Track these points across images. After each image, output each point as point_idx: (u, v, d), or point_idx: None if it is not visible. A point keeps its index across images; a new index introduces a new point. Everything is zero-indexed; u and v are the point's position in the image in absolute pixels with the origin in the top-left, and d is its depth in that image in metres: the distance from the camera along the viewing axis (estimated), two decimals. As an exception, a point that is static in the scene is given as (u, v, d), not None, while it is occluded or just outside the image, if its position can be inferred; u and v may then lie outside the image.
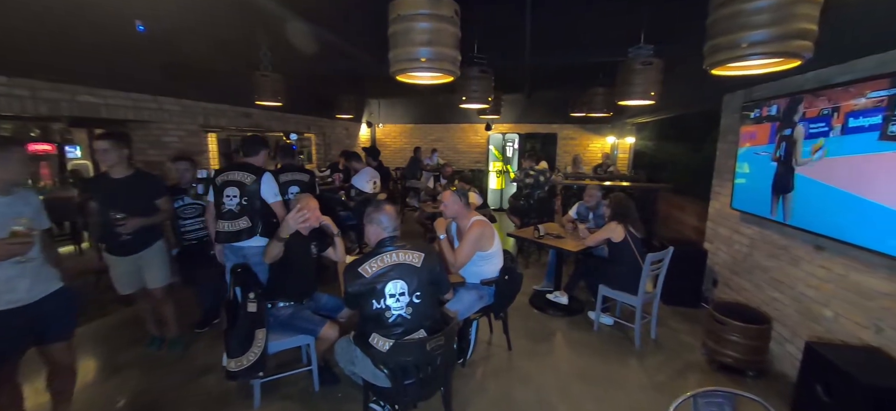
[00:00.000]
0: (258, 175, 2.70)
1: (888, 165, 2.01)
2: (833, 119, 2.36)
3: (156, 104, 4.27)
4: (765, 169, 3.00)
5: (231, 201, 2.64)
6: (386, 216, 1.88)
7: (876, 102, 2.07)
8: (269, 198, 2.69)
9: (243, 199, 2.63)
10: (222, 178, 2.71)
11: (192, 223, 3.38)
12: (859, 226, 2.18)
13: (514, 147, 9.23)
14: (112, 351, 3.15)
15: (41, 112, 3.31)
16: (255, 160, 2.84)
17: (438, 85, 5.36)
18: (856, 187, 2.21)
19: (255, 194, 2.65)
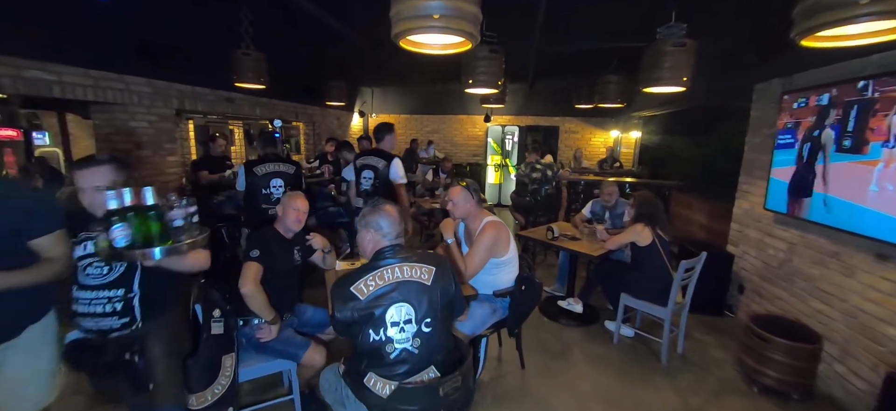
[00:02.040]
0: (388, 160, 3.18)
1: None
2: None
3: (122, 84, 3.78)
4: (810, 166, 2.66)
5: (367, 182, 3.21)
6: (386, 218, 1.47)
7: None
8: (397, 179, 3.16)
9: (376, 181, 3.13)
10: (361, 162, 3.25)
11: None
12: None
13: (513, 140, 8.84)
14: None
15: (-24, 88, 2.82)
16: (385, 145, 3.31)
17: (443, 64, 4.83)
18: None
19: (386, 177, 3.13)
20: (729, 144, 4.79)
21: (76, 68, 3.38)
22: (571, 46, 4.19)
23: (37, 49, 3.10)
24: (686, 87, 2.82)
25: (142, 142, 3.99)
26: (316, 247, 2.25)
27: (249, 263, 1.87)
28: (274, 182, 3.04)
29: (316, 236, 2.25)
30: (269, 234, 2.08)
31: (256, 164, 3.00)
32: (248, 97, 5.46)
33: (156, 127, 4.12)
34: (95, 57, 3.50)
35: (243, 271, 1.85)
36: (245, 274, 1.84)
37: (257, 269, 1.87)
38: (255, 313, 1.91)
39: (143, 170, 4.01)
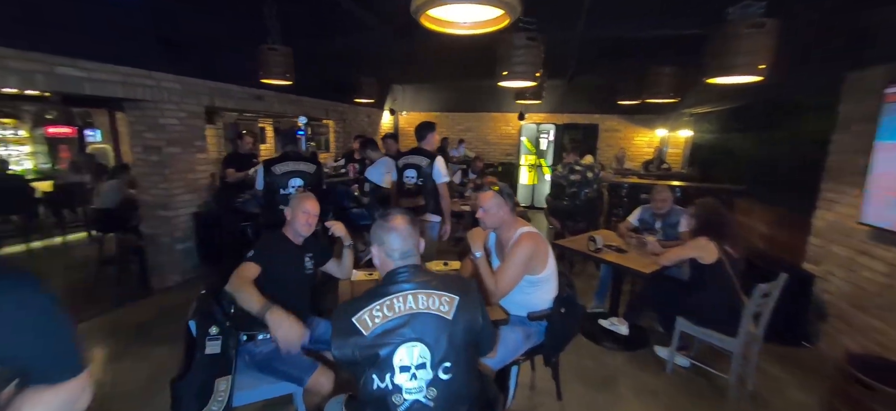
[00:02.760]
0: (431, 158, 3.22)
1: None
2: None
3: (153, 81, 3.77)
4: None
5: (410, 180, 3.22)
6: (396, 235, 1.20)
7: None
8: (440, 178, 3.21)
9: (420, 179, 3.18)
10: (404, 161, 3.26)
11: None
12: None
13: (549, 139, 8.38)
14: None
15: (10, 84, 2.84)
16: (427, 143, 3.34)
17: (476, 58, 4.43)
18: None
19: (430, 176, 3.18)
20: (804, 144, 4.16)
21: (105, 65, 3.37)
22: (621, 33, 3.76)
23: (67, 46, 3.10)
24: (763, 77, 2.38)
25: (172, 139, 3.98)
26: (337, 235, 2.03)
27: (244, 263, 1.68)
28: (293, 181, 2.87)
29: (336, 224, 2.03)
30: (275, 238, 1.88)
31: (275, 163, 2.84)
32: (278, 94, 5.41)
33: (186, 124, 4.10)
34: (124, 53, 3.50)
35: (237, 268, 1.66)
36: (237, 270, 1.65)
37: (249, 269, 1.68)
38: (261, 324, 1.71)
39: (174, 166, 4.01)
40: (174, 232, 4.13)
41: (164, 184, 4.01)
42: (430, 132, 3.36)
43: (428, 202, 3.22)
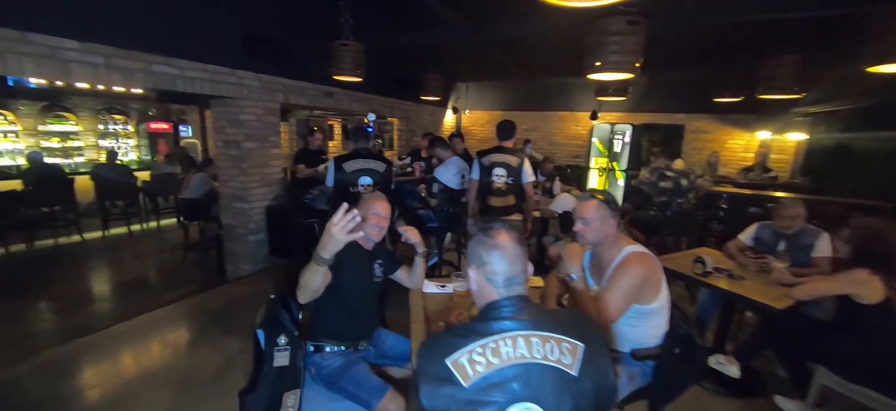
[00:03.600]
0: (520, 157, 3.16)
1: None
2: None
3: (235, 78, 3.93)
4: None
5: (499, 180, 3.11)
6: (499, 255, 0.96)
7: None
8: (528, 178, 3.14)
9: (509, 178, 3.07)
10: (491, 159, 3.13)
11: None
12: None
13: (624, 141, 7.68)
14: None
15: (114, 82, 3.06)
16: (510, 142, 3.23)
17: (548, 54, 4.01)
18: None
19: (519, 175, 3.11)
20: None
21: (195, 63, 3.55)
22: (736, 16, 3.20)
23: (163, 45, 3.29)
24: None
25: (250, 135, 4.13)
26: (411, 241, 1.85)
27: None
28: (362, 180, 2.76)
29: (410, 229, 1.85)
30: (348, 248, 1.73)
31: (346, 160, 2.75)
32: (346, 91, 5.47)
33: (262, 120, 4.24)
34: (212, 53, 3.66)
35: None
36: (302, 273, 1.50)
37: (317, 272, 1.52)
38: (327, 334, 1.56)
39: (251, 161, 4.16)
40: (249, 223, 4.29)
41: (242, 178, 4.17)
42: (514, 131, 3.26)
43: (517, 202, 3.17)
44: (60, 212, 5.90)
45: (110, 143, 8.18)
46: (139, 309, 3.65)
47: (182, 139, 9.01)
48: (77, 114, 7.83)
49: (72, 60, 2.81)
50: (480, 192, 3.16)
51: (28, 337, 3.24)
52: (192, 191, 4.95)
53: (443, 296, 1.97)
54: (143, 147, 8.78)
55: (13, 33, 2.54)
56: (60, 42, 2.74)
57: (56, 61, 2.74)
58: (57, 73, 2.76)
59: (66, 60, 2.78)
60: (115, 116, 8.37)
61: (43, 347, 2.78)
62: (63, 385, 2.38)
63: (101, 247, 5.86)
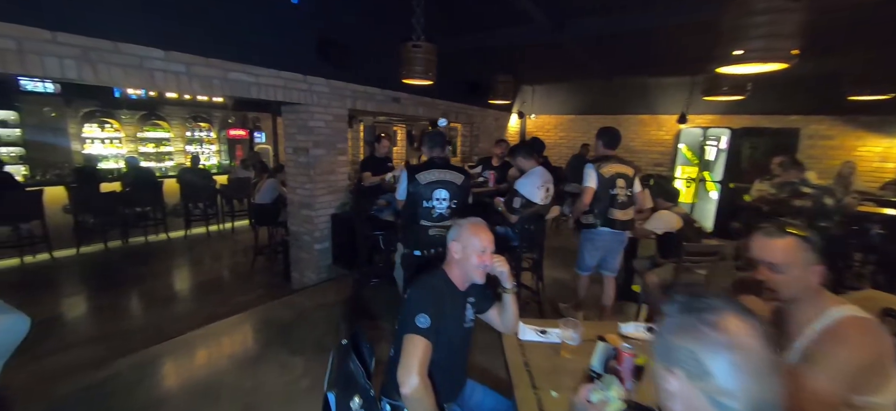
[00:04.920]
0: (636, 168, 3.01)
1: None
2: None
3: (306, 85, 3.86)
4: None
5: (621, 191, 2.90)
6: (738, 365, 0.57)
7: None
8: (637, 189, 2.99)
9: (628, 191, 2.92)
10: (609, 167, 2.90)
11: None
12: None
13: (719, 147, 6.70)
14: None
15: (194, 89, 3.07)
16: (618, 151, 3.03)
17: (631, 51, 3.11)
18: None
19: (634, 188, 2.96)
20: None
21: (269, 70, 3.51)
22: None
23: (240, 52, 3.27)
24: None
25: (318, 141, 4.05)
26: (498, 272, 1.47)
27: (415, 338, 1.22)
28: (438, 193, 2.45)
29: (498, 258, 1.48)
30: (440, 286, 1.40)
31: (420, 170, 2.46)
32: (412, 96, 5.28)
33: (331, 126, 4.15)
34: (285, 59, 3.61)
35: (405, 350, 1.21)
36: (408, 355, 1.20)
37: (426, 349, 1.21)
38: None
39: (319, 168, 4.08)
40: (314, 231, 4.21)
41: (309, 185, 4.10)
42: (620, 138, 3.10)
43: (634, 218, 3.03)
44: (151, 212, 6.38)
45: (195, 149, 8.84)
46: (211, 314, 3.68)
47: (256, 145, 9.51)
48: (169, 121, 8.55)
49: (156, 69, 2.84)
50: (599, 204, 2.91)
51: (110, 339, 3.37)
52: (263, 197, 5.04)
53: (545, 345, 1.58)
54: (223, 152, 9.39)
55: (107, 44, 2.59)
56: (147, 51, 2.78)
57: (143, 70, 2.78)
58: (143, 82, 2.79)
59: (152, 69, 2.82)
60: (201, 123, 9.03)
61: (125, 351, 2.81)
62: (130, 400, 2.33)
63: (182, 246, 6.23)
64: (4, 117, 6.52)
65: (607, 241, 3.02)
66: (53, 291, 4.47)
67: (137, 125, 8.14)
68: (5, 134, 6.57)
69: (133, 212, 6.18)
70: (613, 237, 3.00)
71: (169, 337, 3.01)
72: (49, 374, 2.44)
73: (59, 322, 3.69)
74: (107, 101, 7.31)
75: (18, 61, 2.29)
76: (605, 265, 3.18)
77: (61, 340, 3.26)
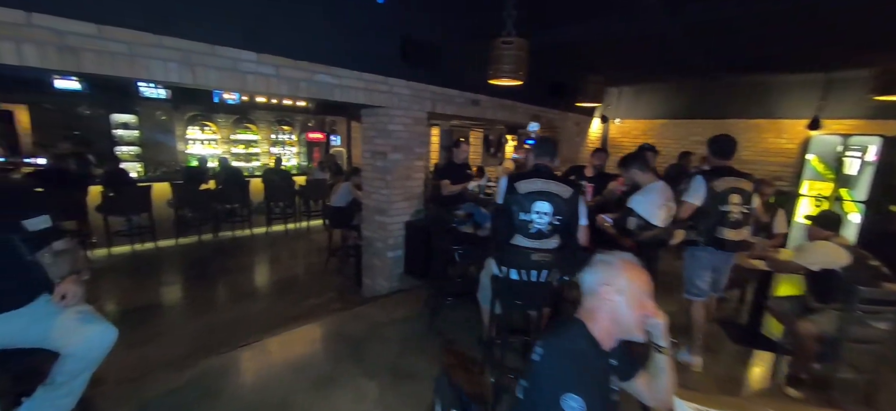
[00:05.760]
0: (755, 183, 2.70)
1: None
2: None
3: (387, 87, 3.72)
4: None
5: (736, 208, 2.56)
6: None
7: None
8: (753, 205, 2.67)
9: (745, 207, 2.60)
10: (725, 183, 2.58)
11: None
12: None
13: (863, 159, 5.44)
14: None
15: (282, 92, 3.04)
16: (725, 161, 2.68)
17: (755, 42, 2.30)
18: None
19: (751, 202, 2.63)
20: None
21: (353, 72, 3.40)
22: None
23: (326, 55, 3.20)
24: None
25: (397, 146, 3.89)
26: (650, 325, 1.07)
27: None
28: (538, 206, 2.08)
29: (648, 307, 1.07)
30: (584, 348, 1.03)
31: (521, 178, 2.11)
32: (492, 99, 4.96)
33: (410, 130, 3.97)
34: (368, 61, 3.49)
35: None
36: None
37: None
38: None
39: (396, 173, 3.92)
40: (388, 238, 4.06)
41: (386, 190, 3.96)
42: (736, 147, 2.73)
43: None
44: (238, 208, 6.81)
45: (278, 151, 9.38)
46: (285, 315, 3.68)
47: (332, 148, 9.87)
48: (257, 125, 9.18)
49: (248, 72, 2.83)
50: (704, 221, 2.57)
51: (194, 334, 3.47)
52: (339, 199, 5.04)
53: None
54: (302, 154, 9.87)
55: (204, 47, 2.62)
56: (240, 54, 2.78)
57: (236, 73, 2.78)
58: (235, 84, 2.80)
59: (244, 72, 2.81)
60: (284, 127, 9.58)
61: (207, 348, 2.82)
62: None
63: (264, 242, 6.54)
64: (126, 120, 7.39)
65: (716, 260, 2.65)
66: (154, 279, 4.85)
67: (231, 128, 8.83)
68: (126, 135, 7.45)
69: (223, 209, 6.63)
70: (723, 257, 2.65)
71: (247, 336, 3.00)
72: (137, 370, 2.48)
73: (153, 311, 3.94)
74: (207, 105, 8.00)
75: (129, 65, 2.36)
76: (713, 285, 2.76)
77: (151, 331, 3.43)
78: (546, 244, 2.11)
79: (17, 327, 1.47)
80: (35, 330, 1.49)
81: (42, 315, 1.50)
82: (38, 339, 1.50)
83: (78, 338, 1.51)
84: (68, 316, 1.52)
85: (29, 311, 1.50)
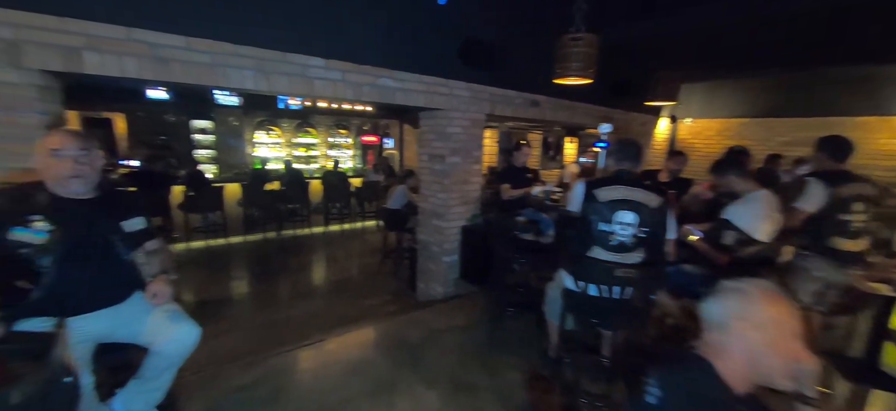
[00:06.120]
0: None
1: None
2: None
3: (447, 89, 3.66)
4: None
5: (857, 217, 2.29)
6: None
7: None
8: None
9: (867, 217, 2.33)
10: (848, 190, 2.27)
11: None
12: None
13: None
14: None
15: (347, 96, 3.08)
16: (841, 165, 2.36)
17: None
18: None
19: None
20: None
21: (414, 75, 3.38)
22: None
23: (389, 58, 3.20)
24: None
25: (455, 149, 3.82)
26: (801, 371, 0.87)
27: None
28: (620, 216, 1.88)
29: (807, 356, 0.87)
30: (709, 392, 0.86)
31: (601, 185, 1.92)
32: (553, 99, 4.73)
33: (468, 132, 3.88)
34: (428, 63, 3.45)
35: None
36: None
37: None
38: None
39: (453, 176, 3.85)
40: (444, 243, 3.99)
41: (443, 194, 3.90)
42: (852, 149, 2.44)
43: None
44: (299, 208, 7.14)
45: (336, 154, 9.75)
46: (342, 316, 3.73)
47: (385, 150, 10.07)
48: (317, 129, 9.60)
49: (316, 78, 2.90)
50: (817, 228, 2.29)
51: (259, 329, 3.62)
52: (394, 202, 5.08)
53: None
54: (357, 157, 10.17)
55: (277, 54, 2.71)
56: (309, 60, 2.85)
57: (305, 79, 2.85)
58: (304, 89, 2.87)
59: (312, 78, 2.88)
60: (341, 130, 9.94)
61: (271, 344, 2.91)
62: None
63: (322, 241, 6.80)
64: (203, 125, 8.05)
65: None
66: (225, 273, 5.19)
67: (293, 132, 9.31)
68: (204, 139, 8.11)
69: (286, 209, 6.99)
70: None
71: (307, 335, 3.06)
72: (209, 363, 2.59)
73: (223, 304, 4.19)
74: (272, 111, 8.50)
75: (211, 73, 2.49)
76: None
77: (221, 324, 3.63)
78: (629, 258, 1.90)
79: (115, 322, 1.56)
80: (130, 326, 1.58)
81: (136, 312, 1.58)
82: (131, 335, 1.59)
83: (166, 336, 1.58)
84: (158, 314, 1.60)
85: (125, 308, 1.59)
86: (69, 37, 2.06)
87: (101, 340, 1.56)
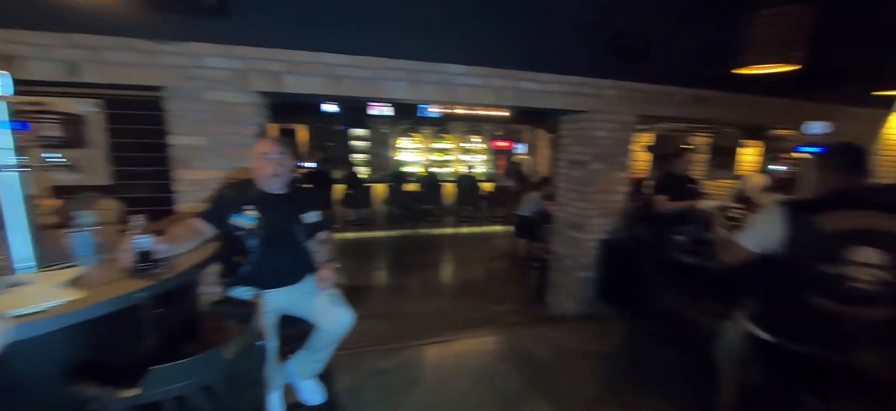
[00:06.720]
0: None
1: None
2: None
3: (594, 89, 3.36)
4: None
5: None
6: None
7: None
8: None
9: None
10: None
11: None
12: None
13: None
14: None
15: (488, 101, 3.09)
16: None
17: None
18: None
19: None
20: None
21: (554, 75, 3.19)
22: None
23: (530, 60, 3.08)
24: None
25: (599, 154, 3.47)
26: None
27: None
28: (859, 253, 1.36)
29: None
30: None
31: (820, 208, 1.43)
32: (725, 94, 3.90)
33: (615, 137, 3.49)
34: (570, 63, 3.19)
35: None
36: None
37: None
38: None
39: (596, 185, 3.51)
40: (581, 256, 3.67)
41: (582, 203, 3.58)
42: None
43: None
44: (434, 209, 7.63)
45: (468, 158, 10.11)
46: (467, 319, 3.74)
47: (516, 155, 9.97)
48: (452, 135, 10.12)
49: (459, 84, 2.99)
50: None
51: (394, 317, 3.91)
52: (526, 209, 4.94)
53: None
54: (489, 162, 10.34)
55: (427, 65, 2.89)
56: (453, 68, 2.95)
57: (449, 86, 2.97)
58: (448, 95, 2.99)
59: (456, 85, 2.98)
60: (473, 136, 10.25)
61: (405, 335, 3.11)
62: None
63: (452, 241, 7.09)
64: (359, 133, 9.32)
65: None
66: (371, 263, 5.86)
67: (430, 138, 10.02)
68: (360, 145, 9.39)
69: (422, 209, 7.54)
70: None
71: (436, 330, 3.18)
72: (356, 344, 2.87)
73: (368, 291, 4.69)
74: (414, 119, 9.30)
75: (372, 86, 2.81)
76: None
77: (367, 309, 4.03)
78: (869, 312, 1.36)
79: (293, 299, 1.86)
80: (303, 303, 1.86)
81: (309, 292, 1.87)
82: (304, 311, 1.87)
83: (329, 316, 1.81)
84: (323, 297, 1.84)
85: (301, 287, 1.89)
86: (276, 63, 2.59)
87: (283, 312, 1.88)
